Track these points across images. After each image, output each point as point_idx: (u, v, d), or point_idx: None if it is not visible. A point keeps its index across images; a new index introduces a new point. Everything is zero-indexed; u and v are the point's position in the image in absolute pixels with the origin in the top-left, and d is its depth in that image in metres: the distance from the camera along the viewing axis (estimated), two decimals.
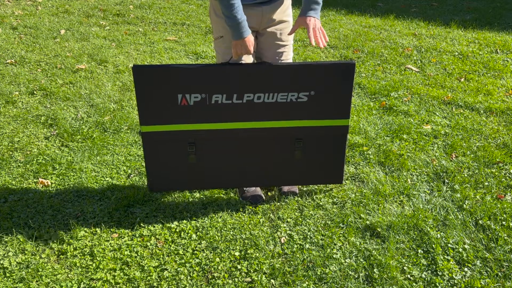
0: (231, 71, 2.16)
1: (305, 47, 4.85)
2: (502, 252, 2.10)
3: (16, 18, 5.86)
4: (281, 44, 2.28)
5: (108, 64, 4.36)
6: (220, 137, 2.28)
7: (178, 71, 2.14)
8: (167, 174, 2.36)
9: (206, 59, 4.55)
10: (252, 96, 2.19)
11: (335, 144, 2.36)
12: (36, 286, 1.95)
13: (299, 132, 2.30)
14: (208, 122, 2.24)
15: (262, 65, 2.19)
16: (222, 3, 2.00)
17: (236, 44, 2.09)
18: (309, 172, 2.42)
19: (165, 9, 6.41)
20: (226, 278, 1.99)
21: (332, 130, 2.31)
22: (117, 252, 2.12)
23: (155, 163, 2.32)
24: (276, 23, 2.24)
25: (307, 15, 2.12)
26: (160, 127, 2.24)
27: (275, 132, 2.29)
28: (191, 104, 2.19)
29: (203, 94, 2.17)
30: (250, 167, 2.38)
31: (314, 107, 2.24)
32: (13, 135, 3.11)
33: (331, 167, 2.43)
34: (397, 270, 2.01)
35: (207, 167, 2.35)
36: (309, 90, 2.20)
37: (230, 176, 2.40)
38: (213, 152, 2.32)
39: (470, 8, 6.49)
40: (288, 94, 2.20)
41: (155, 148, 2.28)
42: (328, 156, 2.39)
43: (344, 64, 2.19)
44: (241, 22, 2.03)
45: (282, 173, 2.41)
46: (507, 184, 2.59)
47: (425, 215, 2.33)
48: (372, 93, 3.73)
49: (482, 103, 3.52)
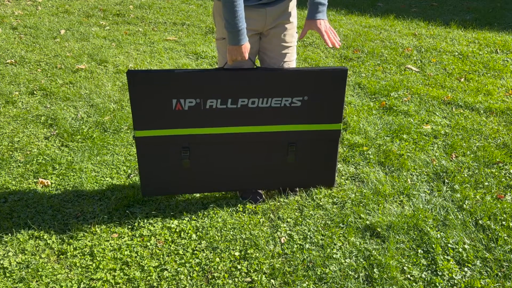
0: (226, 76, 2.17)
1: (305, 47, 4.85)
2: (502, 252, 2.10)
3: (16, 18, 5.86)
4: (285, 46, 2.27)
5: (108, 64, 4.36)
6: (215, 142, 2.30)
7: (172, 76, 2.15)
8: (160, 178, 2.36)
9: (206, 59, 4.55)
10: (246, 101, 2.21)
11: (327, 147, 2.40)
12: (36, 286, 1.95)
13: (292, 137, 2.33)
14: (202, 127, 2.26)
15: (257, 71, 2.21)
16: (226, 9, 1.99)
17: (233, 49, 2.07)
18: (301, 175, 2.45)
19: (165, 9, 6.41)
20: (226, 278, 1.99)
21: (324, 134, 2.35)
22: (117, 252, 2.12)
23: (148, 168, 2.32)
24: (280, 24, 2.22)
25: (316, 18, 2.12)
26: (154, 132, 2.24)
27: (269, 137, 2.32)
28: (186, 109, 2.20)
29: (197, 99, 2.18)
30: (244, 171, 2.40)
31: (308, 112, 2.28)
32: (13, 135, 3.11)
33: (323, 170, 2.46)
34: (397, 270, 2.01)
35: (201, 172, 2.37)
36: (303, 95, 2.23)
37: (224, 180, 2.41)
38: (207, 156, 2.33)
39: (470, 8, 6.49)
40: (282, 99, 2.23)
41: (149, 153, 2.29)
42: (320, 159, 2.42)
43: (337, 71, 2.23)
44: (241, 29, 2.02)
45: (275, 176, 2.44)
46: (507, 184, 2.59)
47: (425, 215, 2.33)
48: (372, 93, 3.73)
49: (482, 103, 3.52)
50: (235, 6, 1.97)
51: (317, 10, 2.12)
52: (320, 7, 2.12)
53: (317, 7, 2.12)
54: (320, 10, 2.13)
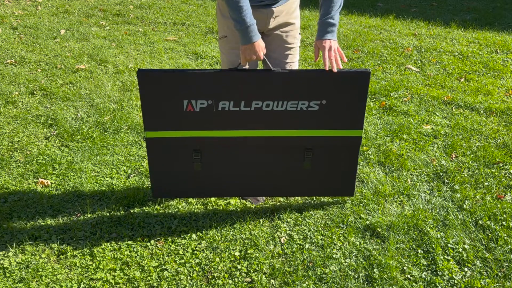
0: (239, 77, 2.08)
1: (305, 47, 4.85)
2: (502, 252, 2.10)
3: (16, 18, 5.86)
4: (287, 47, 2.24)
5: (108, 64, 4.36)
6: (227, 145, 2.21)
7: (184, 76, 2.08)
8: (171, 181, 2.29)
9: (206, 59, 4.55)
10: (260, 103, 2.11)
11: (346, 155, 2.26)
12: (36, 286, 1.95)
13: (309, 142, 2.22)
14: (214, 129, 2.17)
15: (272, 72, 2.08)
16: (230, 6, 1.93)
17: (245, 49, 2.00)
18: (319, 184, 2.33)
19: (165, 9, 6.41)
20: (226, 278, 1.99)
21: (344, 141, 2.21)
22: (117, 252, 2.12)
23: (159, 170, 2.26)
24: (283, 25, 2.19)
25: (323, 38, 2.06)
26: (165, 133, 2.17)
27: (284, 142, 2.21)
28: (197, 110, 2.12)
29: (209, 100, 2.09)
30: (257, 177, 2.30)
31: (326, 116, 2.16)
32: (13, 135, 3.11)
33: (342, 179, 2.33)
34: (397, 270, 2.01)
35: (212, 176, 2.28)
36: (321, 99, 2.11)
37: (236, 185, 2.32)
38: (219, 160, 2.25)
39: (470, 8, 6.49)
40: (299, 103, 2.11)
41: (159, 154, 2.22)
42: (339, 167, 2.29)
43: (359, 73, 2.09)
44: (250, 25, 1.95)
45: (290, 184, 2.32)
46: (507, 184, 2.59)
47: (425, 215, 2.33)
48: (372, 93, 3.73)
49: (482, 103, 3.52)
50: (240, 2, 1.91)
51: (326, 30, 2.06)
52: (330, 28, 2.06)
53: (325, 27, 2.06)
54: (329, 30, 2.06)
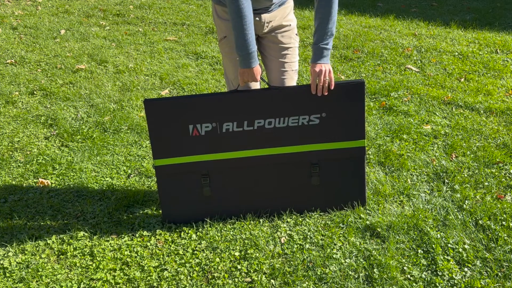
0: (240, 98, 2.15)
1: (305, 47, 4.85)
2: (502, 252, 2.10)
3: (16, 18, 5.86)
4: (283, 47, 2.26)
5: (108, 64, 4.36)
6: (234, 167, 2.24)
7: (187, 101, 2.17)
8: (181, 206, 2.30)
9: (206, 59, 4.55)
10: (263, 122, 2.17)
11: (353, 166, 2.29)
12: (36, 286, 1.95)
13: (314, 157, 2.25)
14: (220, 152, 2.22)
15: (270, 90, 2.19)
16: (236, 32, 1.99)
17: (244, 72, 2.08)
18: (329, 197, 2.35)
19: (165, 9, 6.41)
20: (226, 278, 1.99)
21: (348, 152, 2.25)
22: (117, 252, 2.12)
23: (169, 196, 2.28)
24: (277, 27, 2.22)
25: (316, 62, 2.10)
26: (173, 159, 2.22)
27: (289, 158, 2.24)
28: (203, 134, 2.18)
29: (213, 123, 2.16)
30: (267, 196, 2.32)
31: (327, 129, 2.20)
32: (13, 135, 3.11)
33: (352, 190, 2.35)
34: (397, 270, 2.01)
35: (221, 198, 2.30)
36: (320, 112, 2.17)
37: (246, 205, 2.33)
38: (227, 183, 2.28)
39: (470, 8, 6.49)
40: (299, 118, 2.18)
41: (168, 181, 2.25)
42: (347, 179, 2.32)
43: (352, 84, 2.15)
44: (251, 52, 2.02)
45: (300, 199, 2.34)
46: (507, 184, 2.59)
47: (425, 215, 2.33)
48: (372, 93, 3.73)
49: (482, 103, 3.52)
50: (245, 30, 1.98)
51: (320, 55, 2.10)
52: (323, 52, 2.09)
53: (320, 52, 2.10)
54: (324, 55, 2.10)
